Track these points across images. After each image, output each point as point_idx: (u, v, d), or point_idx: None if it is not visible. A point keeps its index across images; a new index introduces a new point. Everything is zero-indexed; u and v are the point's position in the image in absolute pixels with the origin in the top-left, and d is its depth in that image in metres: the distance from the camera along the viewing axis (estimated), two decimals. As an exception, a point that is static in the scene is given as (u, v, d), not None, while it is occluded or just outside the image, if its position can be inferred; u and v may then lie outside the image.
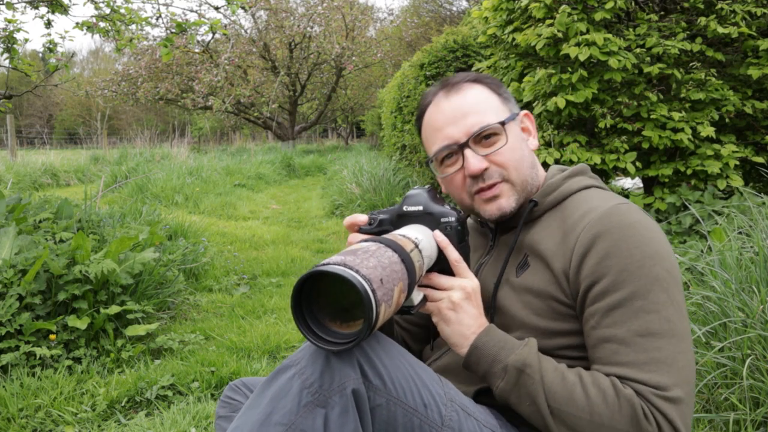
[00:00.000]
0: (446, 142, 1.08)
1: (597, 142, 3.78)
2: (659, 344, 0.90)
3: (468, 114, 1.07)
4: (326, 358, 0.84)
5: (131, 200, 6.16)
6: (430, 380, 0.93)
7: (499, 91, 1.13)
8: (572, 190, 1.10)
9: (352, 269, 0.77)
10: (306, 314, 0.82)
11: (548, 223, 1.08)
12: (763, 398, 1.74)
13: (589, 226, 0.99)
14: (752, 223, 2.38)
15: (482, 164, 1.06)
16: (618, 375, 0.91)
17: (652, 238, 0.96)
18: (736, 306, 1.95)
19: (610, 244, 0.95)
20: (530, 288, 1.04)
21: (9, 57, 4.32)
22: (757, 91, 3.68)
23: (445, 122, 1.09)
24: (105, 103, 19.03)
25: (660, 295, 0.92)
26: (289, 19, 16.55)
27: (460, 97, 1.09)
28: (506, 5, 3.87)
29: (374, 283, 0.78)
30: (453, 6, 21.84)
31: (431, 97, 1.13)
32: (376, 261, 0.82)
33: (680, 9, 3.65)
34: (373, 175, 7.14)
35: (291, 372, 0.84)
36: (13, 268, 2.52)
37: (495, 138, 1.07)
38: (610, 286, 0.93)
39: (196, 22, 4.43)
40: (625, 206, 1.00)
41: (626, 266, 0.93)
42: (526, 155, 1.11)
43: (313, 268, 0.79)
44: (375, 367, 0.86)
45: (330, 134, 36.64)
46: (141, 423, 2.05)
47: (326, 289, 0.82)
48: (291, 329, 3.00)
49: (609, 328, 0.93)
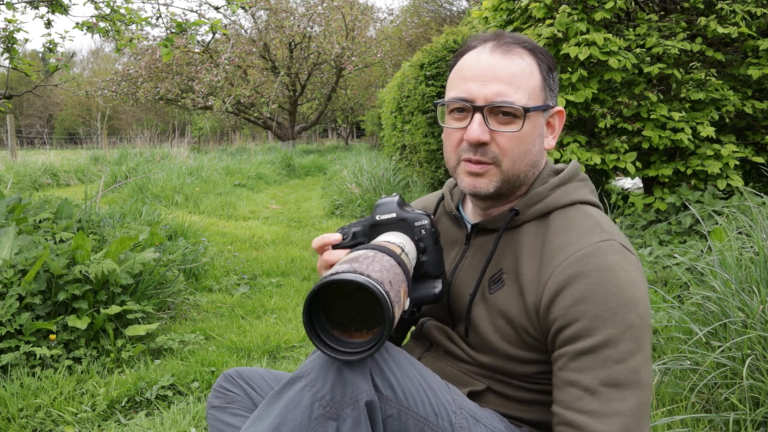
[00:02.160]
0: (464, 95, 1.00)
1: (597, 142, 3.78)
2: (623, 395, 0.89)
3: (501, 80, 0.98)
4: (338, 370, 0.82)
5: (131, 200, 6.16)
6: (439, 388, 0.92)
7: (547, 74, 1.03)
8: (558, 204, 1.04)
9: (363, 274, 0.76)
10: (317, 326, 0.80)
11: (528, 239, 1.03)
12: (763, 398, 1.74)
13: (565, 265, 0.95)
14: (752, 223, 2.38)
15: (485, 136, 0.99)
16: (578, 422, 0.90)
17: (631, 282, 0.93)
18: (736, 306, 1.95)
19: (585, 288, 0.92)
20: (503, 312, 1.01)
21: (9, 57, 4.32)
22: (757, 91, 3.68)
23: (474, 75, 1.00)
24: (105, 103, 19.04)
25: (630, 344, 0.90)
26: (289, 19, 16.55)
27: (504, 59, 1.00)
28: (506, 5, 3.87)
29: (386, 285, 0.77)
30: (453, 6, 21.85)
31: (478, 43, 1.04)
32: (379, 265, 0.81)
33: (680, 9, 3.65)
34: (373, 175, 7.14)
35: (301, 384, 0.83)
36: (13, 268, 2.52)
37: (511, 119, 0.99)
38: (582, 332, 0.91)
39: (196, 22, 4.43)
40: (605, 245, 0.95)
41: (601, 313, 0.90)
42: (533, 152, 1.04)
43: (322, 279, 0.77)
44: (386, 378, 0.85)
45: (330, 134, 36.64)
46: (141, 423, 2.05)
47: (337, 300, 0.81)
48: (291, 329, 3.00)
49: (576, 373, 0.91)
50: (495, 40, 1.02)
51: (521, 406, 1.04)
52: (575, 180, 1.09)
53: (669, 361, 2.12)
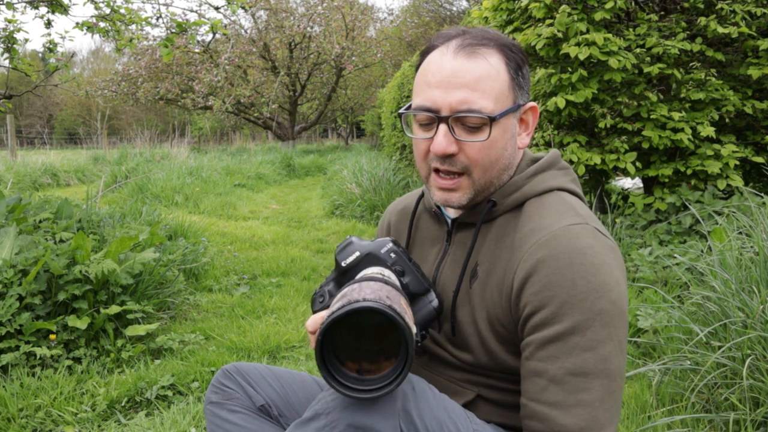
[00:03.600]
0: (428, 104, 0.96)
1: (597, 142, 3.78)
2: (590, 385, 0.86)
3: (465, 86, 0.94)
4: (362, 410, 0.79)
5: (131, 200, 6.16)
6: (461, 420, 0.91)
7: (516, 72, 0.98)
8: (534, 192, 1.01)
9: (359, 301, 0.73)
10: (332, 370, 0.77)
11: (503, 231, 1.01)
12: (763, 398, 1.74)
13: (534, 249, 0.92)
14: (752, 223, 2.38)
15: (451, 148, 0.95)
16: (543, 414, 0.88)
17: (602, 266, 0.88)
18: (736, 306, 1.95)
19: (553, 272, 0.88)
20: (479, 305, 1.00)
21: (9, 57, 4.32)
22: (757, 91, 3.68)
23: (438, 81, 0.95)
24: (105, 103, 19.04)
25: (600, 331, 0.86)
26: (289, 19, 16.56)
27: (469, 62, 0.94)
28: (506, 5, 3.87)
29: (384, 300, 0.74)
30: (453, 6, 21.85)
31: (442, 42, 0.99)
32: (369, 289, 0.78)
33: (680, 9, 3.65)
34: (373, 175, 7.14)
35: (321, 422, 0.80)
36: (14, 268, 2.52)
37: (477, 128, 0.95)
38: (549, 318, 0.88)
39: (197, 22, 4.43)
40: (577, 228, 0.92)
41: (568, 298, 0.87)
42: (505, 156, 1.00)
43: (327, 319, 0.73)
44: (411, 420, 0.83)
45: (330, 134, 36.64)
46: (141, 423, 2.05)
47: (347, 338, 0.78)
48: (291, 329, 3.00)
49: (542, 362, 0.88)
50: (459, 37, 0.98)
51: (515, 413, 1.01)
52: (554, 168, 1.06)
53: (669, 361, 2.12)
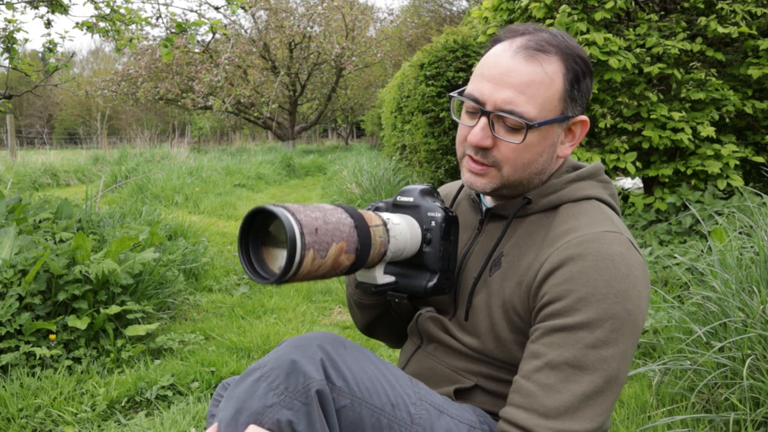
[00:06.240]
0: (476, 95, 0.99)
1: (597, 142, 3.78)
2: (582, 379, 0.87)
3: (514, 87, 0.96)
4: (291, 362, 0.85)
5: (131, 200, 6.16)
6: (400, 381, 0.93)
7: (573, 83, 0.99)
8: (571, 198, 1.03)
9: (288, 211, 0.82)
10: (251, 251, 0.87)
11: (535, 228, 1.03)
12: (763, 398, 1.74)
13: (565, 247, 0.94)
14: (753, 223, 2.38)
15: (486, 141, 0.99)
16: (529, 391, 0.89)
17: (627, 276, 0.90)
18: (736, 306, 1.95)
19: (578, 270, 0.90)
20: (496, 293, 1.02)
21: (9, 57, 4.32)
22: (757, 91, 3.68)
23: (491, 75, 0.97)
24: (105, 103, 19.06)
25: (608, 333, 0.88)
26: (289, 19, 16.56)
27: (524, 65, 0.96)
28: (506, 5, 3.87)
29: (306, 227, 0.81)
30: (453, 6, 21.85)
31: (508, 37, 1.01)
32: (321, 214, 0.85)
33: (680, 9, 3.65)
34: (373, 175, 7.14)
35: (257, 374, 0.86)
36: (13, 268, 2.52)
37: (516, 130, 0.97)
38: (563, 310, 0.90)
39: (196, 22, 4.43)
40: (612, 235, 0.94)
41: (586, 296, 0.89)
42: (539, 161, 1.02)
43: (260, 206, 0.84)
44: (338, 369, 0.87)
45: (330, 134, 36.64)
46: (141, 423, 2.05)
47: (273, 231, 0.87)
48: (291, 329, 3.00)
49: (544, 347, 0.91)
50: (525, 36, 0.99)
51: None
52: (594, 179, 1.07)
53: (669, 361, 2.12)
